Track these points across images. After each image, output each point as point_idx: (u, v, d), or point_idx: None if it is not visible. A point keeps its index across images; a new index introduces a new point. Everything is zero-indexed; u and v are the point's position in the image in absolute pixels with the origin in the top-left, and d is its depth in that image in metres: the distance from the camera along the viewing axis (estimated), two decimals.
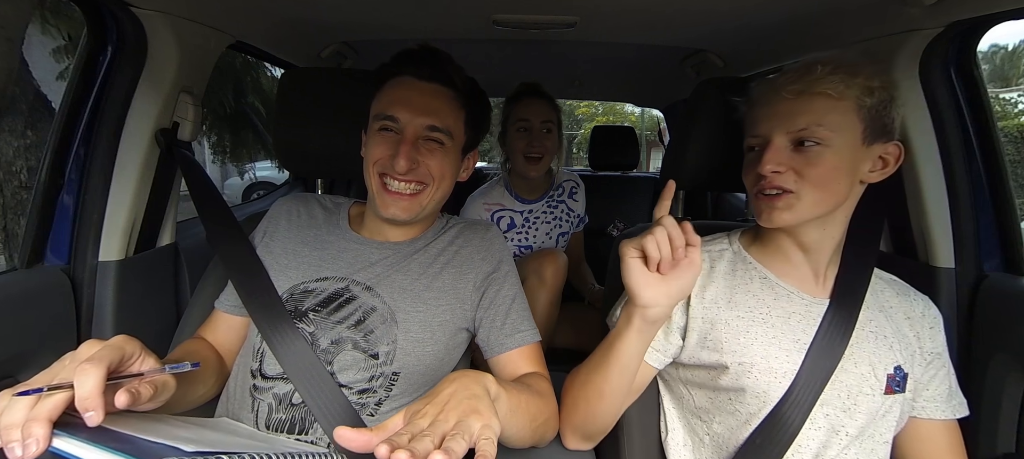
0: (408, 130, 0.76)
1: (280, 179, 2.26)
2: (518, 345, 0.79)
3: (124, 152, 0.87)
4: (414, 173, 0.76)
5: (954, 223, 0.90)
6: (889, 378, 0.70)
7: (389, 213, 0.77)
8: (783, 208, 0.68)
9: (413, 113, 0.76)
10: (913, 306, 0.76)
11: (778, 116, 0.68)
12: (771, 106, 0.69)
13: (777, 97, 0.68)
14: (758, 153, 0.71)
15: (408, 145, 0.75)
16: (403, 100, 0.77)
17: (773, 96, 0.69)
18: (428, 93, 0.78)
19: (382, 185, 0.78)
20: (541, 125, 1.44)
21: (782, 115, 0.68)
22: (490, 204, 1.52)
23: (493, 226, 0.90)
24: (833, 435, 0.69)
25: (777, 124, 0.68)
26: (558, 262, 1.29)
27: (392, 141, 0.77)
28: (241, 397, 0.75)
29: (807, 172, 0.67)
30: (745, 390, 0.71)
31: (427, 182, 0.78)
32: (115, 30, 0.86)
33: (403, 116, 0.76)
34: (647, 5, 0.97)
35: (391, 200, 0.77)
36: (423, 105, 0.77)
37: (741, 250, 0.79)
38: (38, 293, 0.80)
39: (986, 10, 0.75)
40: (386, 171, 0.77)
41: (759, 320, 0.72)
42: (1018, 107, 10.37)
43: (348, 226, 0.85)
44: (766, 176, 0.68)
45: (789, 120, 0.67)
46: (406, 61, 0.79)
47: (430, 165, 0.78)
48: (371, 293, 0.77)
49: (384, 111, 0.77)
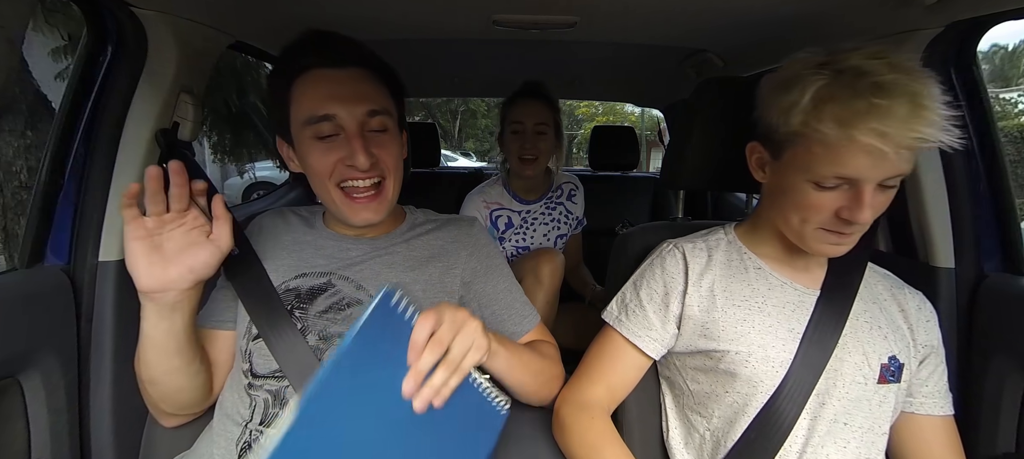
0: (349, 124, 0.71)
1: (280, 179, 2.26)
2: (528, 330, 0.83)
3: (124, 152, 0.87)
4: (375, 168, 0.73)
5: (954, 223, 0.90)
6: (883, 367, 0.70)
7: (360, 219, 0.75)
8: (850, 243, 0.66)
9: (347, 104, 0.70)
10: (908, 300, 0.76)
11: (886, 167, 0.58)
12: (879, 155, 0.57)
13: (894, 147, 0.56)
14: (840, 191, 0.62)
15: (359, 140, 0.70)
16: (331, 94, 0.70)
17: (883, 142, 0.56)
18: (350, 80, 0.72)
19: (343, 195, 0.74)
20: (535, 127, 1.44)
21: (891, 164, 0.58)
22: (489, 202, 1.52)
23: (477, 221, 0.90)
24: (828, 423, 0.70)
25: (870, 168, 0.58)
26: (555, 261, 1.28)
27: (337, 144, 0.71)
28: (239, 395, 0.75)
29: (880, 205, 0.63)
30: (743, 379, 0.71)
31: (385, 174, 0.75)
32: (115, 30, 0.86)
33: (339, 111, 0.70)
34: (647, 5, 0.97)
35: (359, 207, 0.74)
36: (353, 93, 0.71)
37: (736, 240, 0.80)
38: (38, 293, 0.80)
39: (986, 10, 0.75)
40: (344, 176, 0.72)
41: (756, 309, 0.73)
42: (1018, 107, 10.38)
43: (325, 225, 0.85)
44: (860, 223, 0.61)
45: (887, 166, 0.58)
46: (311, 53, 0.72)
47: (383, 156, 0.74)
48: (354, 286, 0.77)
49: (315, 113, 0.70)
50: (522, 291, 0.86)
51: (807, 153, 0.62)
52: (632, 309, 0.78)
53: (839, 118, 0.57)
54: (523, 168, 1.46)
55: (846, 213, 0.62)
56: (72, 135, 0.86)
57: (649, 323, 0.77)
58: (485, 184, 1.58)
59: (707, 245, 0.79)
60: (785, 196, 0.67)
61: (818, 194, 0.63)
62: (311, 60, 0.72)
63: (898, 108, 0.55)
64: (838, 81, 0.58)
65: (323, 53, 0.72)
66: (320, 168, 0.72)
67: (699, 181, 0.95)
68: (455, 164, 7.29)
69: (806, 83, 0.60)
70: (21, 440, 0.79)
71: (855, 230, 0.64)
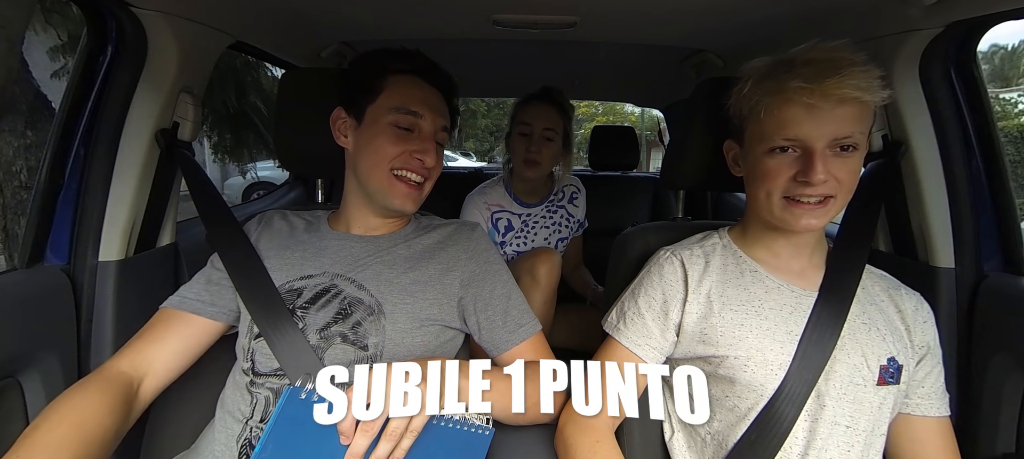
0: (427, 128, 0.81)
1: (280, 179, 2.26)
2: (521, 340, 0.80)
3: (124, 152, 0.87)
4: (430, 169, 0.82)
5: (954, 223, 0.90)
6: (882, 369, 0.70)
7: (399, 204, 0.81)
8: (820, 215, 0.68)
9: (433, 112, 0.81)
10: (905, 301, 0.76)
11: (823, 122, 0.65)
12: (811, 109, 0.65)
13: (821, 99, 0.64)
14: (792, 156, 0.68)
15: (432, 141, 0.81)
16: (422, 99, 0.81)
17: (811, 96, 0.64)
18: (436, 95, 0.83)
19: (395, 180, 0.80)
20: (542, 131, 1.43)
21: (827, 121, 0.65)
22: (490, 203, 1.51)
23: (479, 226, 0.90)
24: (828, 426, 0.70)
25: (816, 129, 0.65)
26: (551, 261, 1.28)
27: (410, 138, 0.80)
28: (241, 393, 0.75)
29: (843, 176, 0.67)
30: (742, 383, 0.71)
31: (431, 176, 0.83)
32: (115, 30, 0.86)
33: (427, 114, 0.80)
34: (647, 5, 0.97)
35: (405, 192, 0.80)
36: (438, 106, 0.83)
37: (730, 244, 0.80)
38: (38, 293, 0.80)
39: (986, 10, 0.75)
40: (404, 166, 0.80)
41: (753, 313, 0.73)
42: (1018, 107, 10.37)
43: (329, 227, 0.86)
44: (813, 184, 0.66)
45: (836, 126, 0.65)
46: (416, 61, 0.83)
47: (435, 162, 0.83)
48: (356, 286, 0.78)
49: (407, 106, 0.80)
50: (524, 301, 0.85)
51: (758, 126, 0.71)
52: (631, 318, 0.78)
53: (774, 87, 0.68)
54: (525, 170, 1.45)
55: (801, 175, 0.67)
56: (72, 135, 0.86)
57: (649, 332, 0.76)
58: (486, 184, 1.57)
59: (704, 251, 0.79)
60: (752, 175, 0.74)
61: (774, 160, 0.69)
62: (413, 65, 0.82)
63: (821, 67, 0.64)
64: (775, 62, 0.70)
65: (424, 67, 0.83)
66: (388, 151, 0.79)
67: (699, 181, 0.95)
68: (455, 164, 7.30)
69: (752, 72, 0.72)
70: None
71: (818, 196, 0.68)
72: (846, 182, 0.68)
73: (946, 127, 0.90)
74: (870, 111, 0.67)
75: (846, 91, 0.64)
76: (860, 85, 0.63)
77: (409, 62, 0.82)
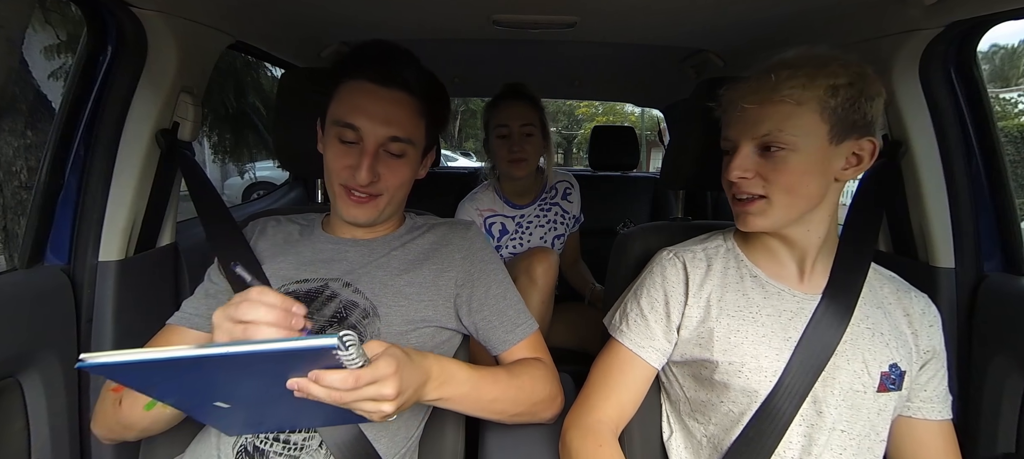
0: (369, 141, 0.74)
1: (280, 179, 2.26)
2: (519, 340, 0.80)
3: (124, 152, 0.87)
4: (373, 185, 0.76)
5: (954, 223, 0.90)
6: (883, 376, 0.70)
7: (350, 216, 0.78)
8: (756, 213, 0.70)
9: (373, 122, 0.74)
10: (913, 304, 0.75)
11: (742, 123, 0.70)
12: (735, 113, 0.71)
13: (739, 104, 0.70)
14: (730, 157, 0.72)
15: (369, 157, 0.74)
16: (362, 109, 0.74)
17: (737, 102, 0.70)
18: (387, 101, 0.75)
19: (343, 190, 0.78)
20: (521, 128, 1.43)
21: (746, 122, 0.69)
22: (482, 209, 1.50)
23: (474, 225, 0.90)
24: (826, 432, 0.69)
25: (742, 130, 0.70)
26: (548, 260, 1.28)
27: (353, 152, 0.75)
28: None
29: (774, 177, 0.68)
30: (736, 388, 0.71)
31: (382, 192, 0.78)
32: (115, 30, 0.86)
33: (363, 126, 0.74)
34: (647, 5, 0.97)
35: (351, 204, 0.78)
36: (383, 114, 0.74)
37: (734, 247, 0.80)
38: (38, 293, 0.80)
39: (986, 10, 0.75)
40: (347, 182, 0.76)
41: (749, 319, 0.72)
42: (1018, 107, 10.37)
43: (323, 231, 0.86)
44: (731, 180, 0.70)
45: (753, 127, 0.68)
46: (364, 64, 0.75)
47: (387, 176, 0.77)
48: (351, 289, 0.77)
49: (343, 118, 0.75)
50: (520, 300, 0.84)
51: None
52: (634, 319, 0.78)
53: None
54: (513, 170, 1.45)
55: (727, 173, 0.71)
56: (72, 135, 0.86)
57: (651, 333, 0.76)
58: (477, 190, 1.55)
59: (706, 253, 0.79)
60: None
61: (726, 159, 0.73)
62: (362, 70, 0.75)
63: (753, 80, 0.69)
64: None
65: (376, 69, 0.75)
66: (332, 165, 0.77)
67: (699, 181, 0.95)
68: (455, 164, 7.30)
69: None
70: (21, 440, 0.79)
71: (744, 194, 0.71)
72: (778, 182, 0.68)
73: (946, 127, 0.90)
74: (807, 113, 0.65)
75: (763, 95, 0.67)
76: (783, 87, 0.65)
77: (359, 67, 0.75)
